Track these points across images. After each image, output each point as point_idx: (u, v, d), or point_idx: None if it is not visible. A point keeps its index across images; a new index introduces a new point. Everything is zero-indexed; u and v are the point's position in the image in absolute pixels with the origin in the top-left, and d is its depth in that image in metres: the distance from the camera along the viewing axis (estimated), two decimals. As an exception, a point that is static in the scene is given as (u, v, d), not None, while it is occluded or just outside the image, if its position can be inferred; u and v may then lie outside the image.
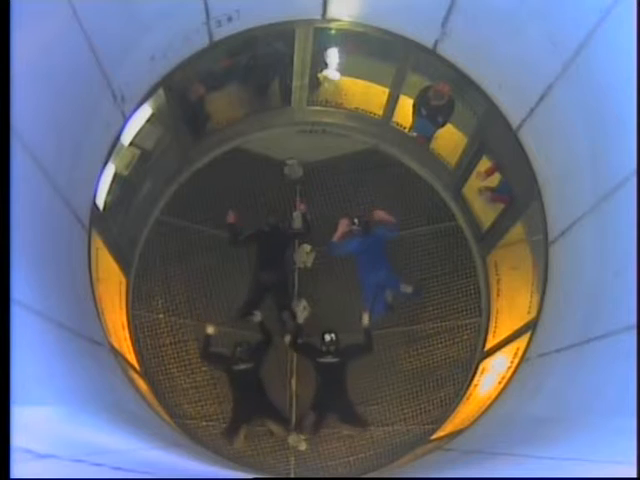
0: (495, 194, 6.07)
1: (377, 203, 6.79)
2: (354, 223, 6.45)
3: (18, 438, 2.09)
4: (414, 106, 6.28)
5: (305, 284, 6.68)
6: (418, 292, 6.46)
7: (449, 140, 6.37)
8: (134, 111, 5.01)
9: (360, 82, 6.50)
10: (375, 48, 5.79)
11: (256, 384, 5.98)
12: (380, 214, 6.53)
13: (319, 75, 6.43)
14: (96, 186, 4.77)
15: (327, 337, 5.93)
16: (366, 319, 6.03)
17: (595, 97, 3.74)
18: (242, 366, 5.89)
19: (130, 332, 6.08)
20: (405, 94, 6.26)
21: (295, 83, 6.31)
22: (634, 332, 3.00)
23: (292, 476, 6.18)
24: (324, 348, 5.93)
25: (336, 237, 6.49)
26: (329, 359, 5.95)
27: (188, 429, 6.03)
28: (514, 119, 4.94)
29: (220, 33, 5.08)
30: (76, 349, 3.85)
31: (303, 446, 6.21)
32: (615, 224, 3.62)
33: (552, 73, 4.09)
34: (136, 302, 6.27)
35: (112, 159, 4.96)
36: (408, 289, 6.38)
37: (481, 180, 6.14)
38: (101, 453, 2.88)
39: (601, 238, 3.87)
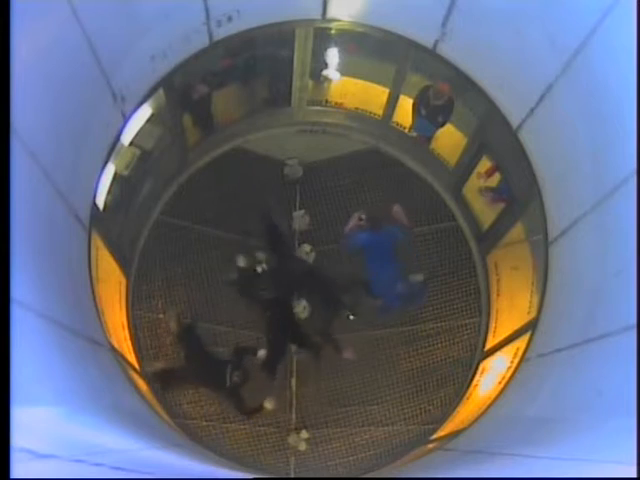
0: (495, 195, 6.07)
1: (377, 203, 6.79)
2: (361, 219, 6.46)
3: (18, 438, 2.09)
4: (414, 106, 6.27)
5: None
6: (427, 281, 6.45)
7: (449, 140, 6.36)
8: (134, 111, 5.01)
9: (360, 82, 6.49)
10: (375, 48, 5.79)
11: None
12: (398, 212, 6.53)
13: (319, 75, 6.43)
14: (96, 186, 4.77)
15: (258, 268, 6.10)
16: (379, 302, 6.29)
17: (595, 97, 3.74)
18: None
19: (130, 332, 6.08)
20: (405, 94, 6.26)
21: (295, 83, 6.31)
22: (634, 332, 3.00)
23: (292, 476, 6.18)
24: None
25: (347, 228, 6.52)
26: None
27: (188, 429, 6.04)
28: (514, 119, 4.94)
29: (220, 33, 5.08)
30: (76, 349, 3.85)
31: (303, 446, 6.23)
32: (615, 224, 3.62)
33: (552, 73, 4.09)
34: (136, 302, 6.27)
35: (112, 159, 4.96)
36: (418, 277, 6.37)
37: (482, 181, 6.14)
38: (101, 453, 2.88)
39: (601, 238, 3.87)
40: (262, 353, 6.18)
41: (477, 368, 6.27)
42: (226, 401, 6.17)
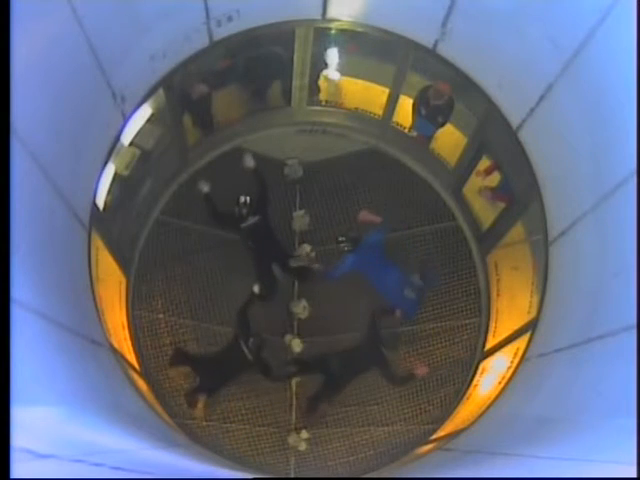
0: (496, 193, 6.07)
1: (378, 203, 6.79)
2: (339, 241, 6.39)
3: (18, 438, 2.09)
4: (414, 106, 6.27)
5: (305, 283, 6.67)
6: (425, 278, 6.41)
7: (449, 140, 6.36)
8: (134, 111, 5.01)
9: (360, 82, 6.49)
10: (375, 48, 5.78)
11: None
12: (365, 215, 6.50)
13: (319, 75, 6.43)
14: (96, 186, 4.77)
15: (242, 199, 6.11)
16: (398, 314, 6.28)
17: (595, 97, 3.74)
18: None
19: (130, 332, 6.08)
20: (405, 94, 6.25)
21: (295, 83, 6.30)
22: (634, 332, 3.00)
23: (292, 476, 6.18)
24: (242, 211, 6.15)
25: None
26: None
27: (188, 429, 6.04)
28: (514, 119, 4.93)
29: (220, 33, 5.08)
30: (76, 349, 3.85)
31: (303, 446, 6.23)
32: (615, 224, 3.62)
33: (552, 73, 4.09)
34: (136, 302, 6.26)
35: (112, 159, 4.95)
36: (415, 278, 6.34)
37: (481, 179, 6.14)
38: (101, 453, 2.88)
39: (601, 238, 3.87)
40: (256, 288, 6.22)
41: (477, 368, 6.27)
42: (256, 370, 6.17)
